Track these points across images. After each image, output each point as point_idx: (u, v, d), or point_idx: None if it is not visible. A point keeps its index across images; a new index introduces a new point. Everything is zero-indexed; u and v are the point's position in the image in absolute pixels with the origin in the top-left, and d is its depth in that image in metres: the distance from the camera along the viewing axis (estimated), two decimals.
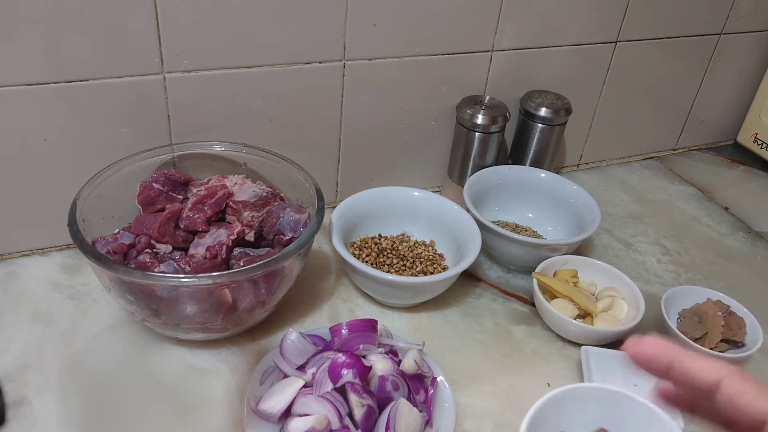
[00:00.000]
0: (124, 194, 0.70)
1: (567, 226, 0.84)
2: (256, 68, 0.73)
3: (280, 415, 0.55)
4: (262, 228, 0.71)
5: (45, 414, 0.58)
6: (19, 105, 0.65)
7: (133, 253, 0.66)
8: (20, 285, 0.71)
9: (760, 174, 1.11)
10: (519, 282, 0.80)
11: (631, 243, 0.90)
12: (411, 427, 0.55)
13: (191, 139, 0.74)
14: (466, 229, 0.76)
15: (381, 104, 0.83)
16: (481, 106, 0.83)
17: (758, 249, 0.92)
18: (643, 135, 1.09)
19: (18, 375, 0.61)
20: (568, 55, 0.91)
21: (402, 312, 0.74)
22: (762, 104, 1.09)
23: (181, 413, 0.60)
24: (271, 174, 0.76)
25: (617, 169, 1.08)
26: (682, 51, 1.00)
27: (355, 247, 0.77)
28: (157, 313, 0.61)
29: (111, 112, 0.70)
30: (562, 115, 0.87)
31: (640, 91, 1.02)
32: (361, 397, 0.54)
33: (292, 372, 0.59)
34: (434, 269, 0.76)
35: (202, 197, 0.70)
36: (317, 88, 0.78)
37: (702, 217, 0.98)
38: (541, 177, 0.87)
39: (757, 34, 1.05)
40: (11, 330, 0.66)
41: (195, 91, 0.72)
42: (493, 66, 0.86)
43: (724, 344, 0.69)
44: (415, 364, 0.59)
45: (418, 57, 0.81)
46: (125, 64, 0.67)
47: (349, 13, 0.74)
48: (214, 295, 0.60)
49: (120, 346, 0.66)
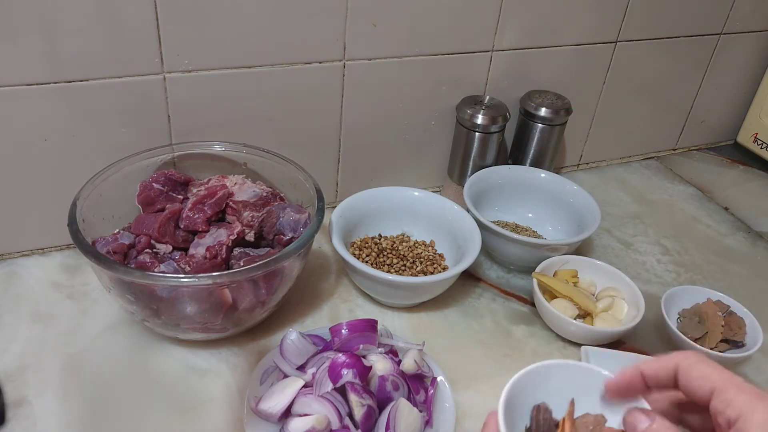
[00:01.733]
0: (124, 194, 0.70)
1: (567, 226, 0.84)
2: (256, 68, 0.73)
3: (280, 415, 0.55)
4: (262, 228, 0.71)
5: (45, 414, 0.58)
6: (19, 105, 0.65)
7: (133, 253, 0.66)
8: (20, 285, 0.71)
9: (760, 174, 1.11)
10: (519, 282, 0.80)
11: (631, 243, 0.90)
12: (411, 427, 0.55)
13: (191, 139, 0.74)
14: (466, 229, 0.76)
15: (381, 104, 0.83)
16: (481, 106, 0.83)
17: (758, 249, 0.92)
18: (643, 135, 1.09)
19: (18, 375, 0.61)
20: (568, 55, 0.91)
21: (402, 312, 0.74)
22: (762, 104, 1.09)
23: (181, 413, 0.60)
24: (271, 174, 0.76)
25: (617, 169, 1.08)
26: (682, 51, 1.00)
27: (355, 247, 0.77)
28: (157, 313, 0.61)
29: (111, 112, 0.70)
30: (562, 115, 0.87)
31: (640, 91, 1.02)
32: (361, 397, 0.54)
33: (292, 372, 0.59)
34: (434, 269, 0.76)
35: (202, 197, 0.70)
36: (317, 88, 0.78)
37: (702, 217, 0.98)
38: (541, 177, 0.87)
39: (757, 34, 1.05)
40: (11, 330, 0.66)
41: (195, 91, 0.72)
42: (493, 66, 0.86)
43: (724, 344, 0.69)
44: (415, 364, 0.59)
45: (418, 57, 0.81)
46: (125, 64, 0.67)
47: (349, 13, 0.74)
48: (214, 295, 0.60)
49: (120, 346, 0.66)
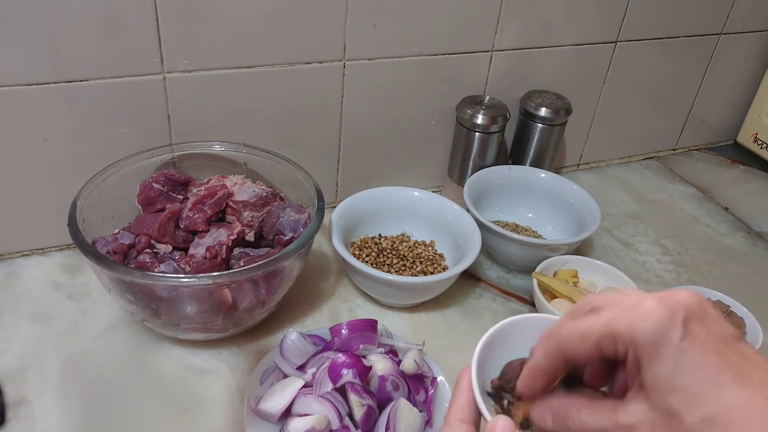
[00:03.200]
0: (124, 194, 0.70)
1: (567, 226, 0.84)
2: (256, 68, 0.73)
3: (280, 415, 0.55)
4: (262, 228, 0.71)
5: (45, 414, 0.58)
6: (19, 105, 0.65)
7: (133, 253, 0.66)
8: (20, 285, 0.71)
9: (760, 174, 1.11)
10: (519, 282, 0.80)
11: (631, 243, 0.90)
12: (411, 427, 0.55)
13: (191, 139, 0.74)
14: (466, 229, 0.76)
15: (381, 104, 0.83)
16: (481, 106, 0.83)
17: (758, 249, 0.92)
18: (643, 135, 1.09)
19: (18, 375, 0.61)
20: (568, 55, 0.91)
21: (402, 312, 0.74)
22: (762, 104, 1.09)
23: (181, 413, 0.60)
24: (271, 174, 0.76)
25: (617, 169, 1.08)
26: (682, 51, 1.00)
27: (355, 247, 0.77)
28: (157, 313, 0.61)
29: (111, 112, 0.70)
30: (562, 115, 0.87)
31: (640, 91, 1.02)
32: (361, 397, 0.54)
33: (292, 372, 0.59)
34: (434, 269, 0.76)
35: (202, 197, 0.70)
36: (317, 88, 0.78)
37: (702, 217, 0.98)
38: (541, 177, 0.87)
39: (757, 34, 1.05)
40: (11, 330, 0.66)
41: (195, 91, 0.72)
42: (493, 66, 0.86)
43: None
44: (415, 364, 0.59)
45: (418, 57, 0.81)
46: (125, 64, 0.67)
47: (349, 13, 0.74)
48: (214, 295, 0.60)
49: (120, 346, 0.66)
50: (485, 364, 0.40)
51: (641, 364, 0.30)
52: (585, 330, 0.32)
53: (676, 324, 0.30)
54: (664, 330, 0.30)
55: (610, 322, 0.31)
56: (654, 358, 0.30)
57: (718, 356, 0.29)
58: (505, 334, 0.41)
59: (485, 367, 0.40)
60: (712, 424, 0.28)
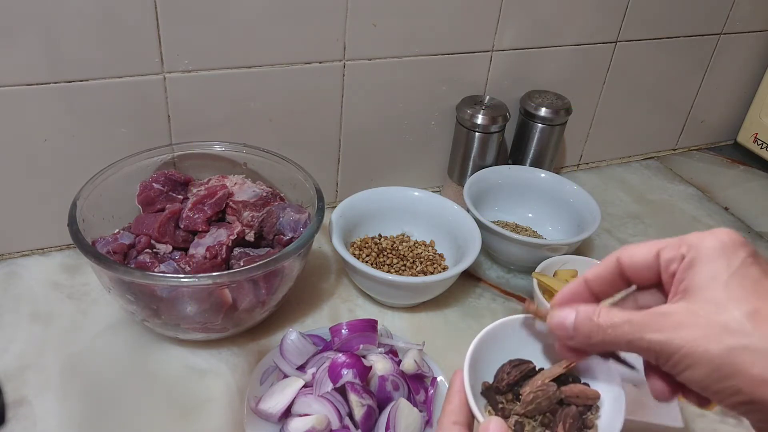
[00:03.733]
0: (124, 194, 0.70)
1: (567, 226, 0.84)
2: (256, 68, 0.73)
3: (280, 415, 0.55)
4: (262, 228, 0.71)
5: (45, 414, 0.58)
6: (19, 105, 0.65)
7: (133, 253, 0.66)
8: (20, 285, 0.71)
9: (760, 174, 1.11)
10: (519, 282, 0.80)
11: (631, 243, 0.90)
12: (411, 427, 0.55)
13: (191, 139, 0.74)
14: (466, 229, 0.76)
15: (381, 104, 0.83)
16: (481, 106, 0.83)
17: (758, 249, 0.91)
18: (643, 135, 1.09)
19: (18, 375, 0.61)
20: (568, 55, 0.91)
21: (402, 312, 0.74)
22: (762, 104, 1.09)
23: (181, 413, 0.60)
24: (271, 174, 0.76)
25: (617, 169, 1.08)
26: (682, 51, 1.00)
27: (355, 247, 0.77)
28: (157, 313, 0.61)
29: (111, 112, 0.70)
30: (562, 115, 0.87)
31: (640, 91, 1.02)
32: (361, 397, 0.54)
33: (292, 372, 0.59)
34: (434, 269, 0.76)
35: (202, 197, 0.70)
36: (317, 88, 0.78)
37: (702, 217, 0.98)
38: (541, 177, 0.87)
39: (757, 34, 1.05)
40: (11, 330, 0.66)
41: (195, 91, 0.72)
42: (493, 66, 0.86)
43: None
44: (415, 364, 0.59)
45: (418, 57, 0.81)
46: (125, 64, 0.67)
47: (349, 13, 0.74)
48: (214, 295, 0.60)
49: (120, 346, 0.66)
50: (478, 365, 0.40)
51: (696, 267, 0.34)
52: (651, 243, 0.37)
53: (746, 245, 0.35)
54: (737, 243, 0.34)
55: (681, 237, 0.36)
56: (715, 260, 0.34)
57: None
58: (497, 336, 0.41)
59: (478, 369, 0.40)
60: (757, 317, 0.31)
